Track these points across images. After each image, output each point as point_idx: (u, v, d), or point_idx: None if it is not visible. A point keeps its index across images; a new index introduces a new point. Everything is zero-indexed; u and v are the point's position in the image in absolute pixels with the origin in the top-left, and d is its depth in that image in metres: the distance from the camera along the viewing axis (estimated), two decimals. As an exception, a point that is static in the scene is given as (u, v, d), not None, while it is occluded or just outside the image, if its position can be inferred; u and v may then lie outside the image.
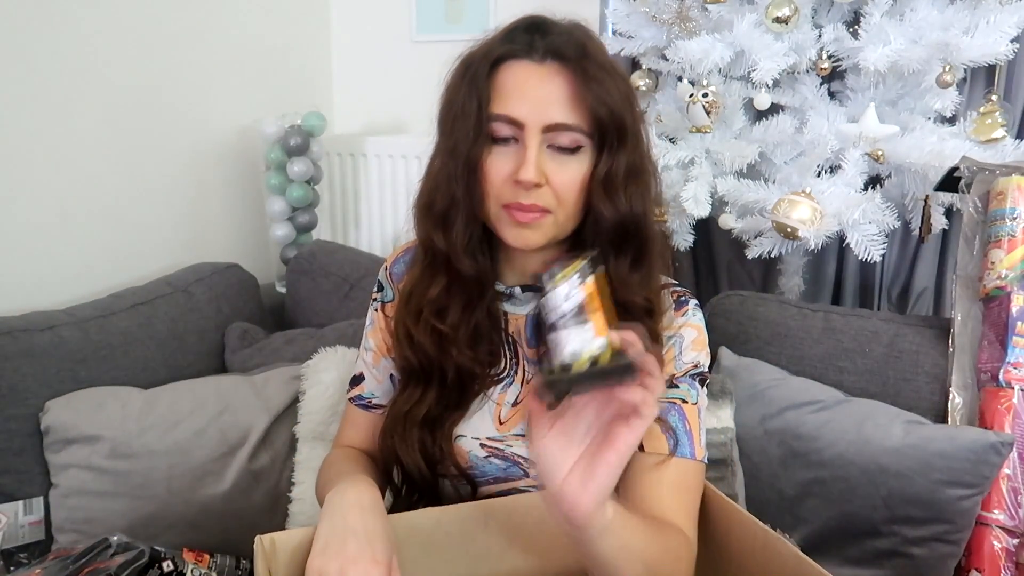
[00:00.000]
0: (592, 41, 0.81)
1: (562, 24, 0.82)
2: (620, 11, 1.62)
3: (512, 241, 0.83)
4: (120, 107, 1.56)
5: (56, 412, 1.23)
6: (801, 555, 0.73)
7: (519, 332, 0.92)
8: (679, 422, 0.86)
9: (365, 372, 1.00)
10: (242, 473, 1.27)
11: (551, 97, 0.78)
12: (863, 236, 1.33)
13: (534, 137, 0.78)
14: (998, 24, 1.28)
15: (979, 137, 1.36)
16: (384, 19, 2.17)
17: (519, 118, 0.78)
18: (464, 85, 0.81)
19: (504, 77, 0.79)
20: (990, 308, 1.22)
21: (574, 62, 0.78)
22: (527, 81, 0.78)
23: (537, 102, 0.78)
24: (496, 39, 0.82)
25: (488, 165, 0.80)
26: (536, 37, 0.80)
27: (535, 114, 0.78)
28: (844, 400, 1.25)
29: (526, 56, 0.79)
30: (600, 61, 0.79)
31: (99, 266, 1.54)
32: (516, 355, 0.91)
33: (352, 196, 2.13)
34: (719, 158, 1.48)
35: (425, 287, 0.89)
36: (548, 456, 0.66)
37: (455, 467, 0.89)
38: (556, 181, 0.79)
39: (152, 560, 0.97)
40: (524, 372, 0.91)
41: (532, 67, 0.79)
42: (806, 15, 1.42)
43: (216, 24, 1.79)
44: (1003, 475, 1.13)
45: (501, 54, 0.80)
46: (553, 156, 0.79)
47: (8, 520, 1.19)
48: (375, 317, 1.00)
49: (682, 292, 0.93)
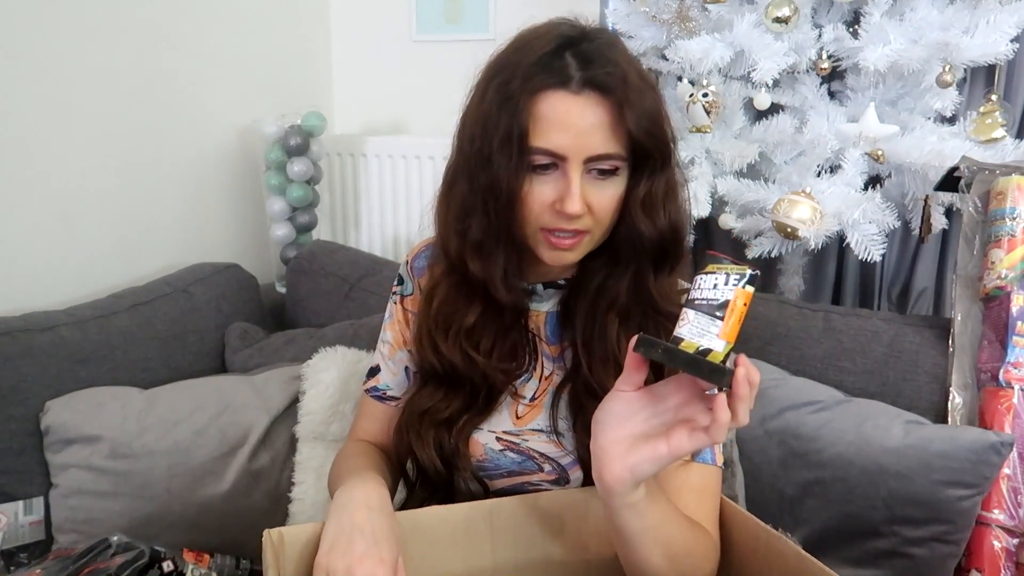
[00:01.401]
0: (627, 59, 0.79)
1: (597, 42, 0.78)
2: (620, 11, 1.63)
3: (549, 261, 0.83)
4: (120, 107, 1.56)
5: (56, 412, 1.23)
6: (803, 553, 0.73)
7: (539, 328, 0.92)
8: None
9: (381, 364, 1.00)
10: (242, 473, 1.27)
11: (592, 129, 0.76)
12: (863, 236, 1.33)
13: (576, 169, 0.77)
14: (998, 24, 1.28)
15: (979, 137, 1.36)
16: (384, 19, 2.17)
17: (560, 151, 0.77)
18: (501, 112, 0.78)
19: (543, 108, 0.76)
20: (990, 308, 1.22)
21: (613, 91, 0.76)
22: (568, 114, 0.76)
23: (578, 134, 0.76)
24: (530, 60, 0.77)
25: (528, 193, 0.79)
26: (574, 64, 0.77)
27: (576, 147, 0.76)
28: (844, 400, 1.25)
29: (564, 87, 0.76)
30: (637, 85, 0.77)
31: (99, 266, 1.54)
32: (536, 351, 0.92)
33: (352, 196, 2.12)
34: (719, 158, 1.48)
35: (455, 309, 0.88)
36: (615, 411, 0.69)
37: (469, 466, 0.89)
38: (596, 205, 0.79)
39: (152, 560, 0.97)
40: (542, 368, 0.92)
41: (571, 99, 0.76)
42: (806, 15, 1.42)
43: (216, 24, 1.79)
44: (1003, 475, 1.13)
45: (538, 85, 0.77)
46: (592, 181, 0.79)
47: (8, 520, 1.19)
48: (394, 310, 1.00)
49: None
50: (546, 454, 0.89)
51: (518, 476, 0.90)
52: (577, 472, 0.89)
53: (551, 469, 0.90)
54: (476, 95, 0.82)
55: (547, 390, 0.91)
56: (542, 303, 0.92)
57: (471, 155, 0.81)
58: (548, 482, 0.90)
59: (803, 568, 0.73)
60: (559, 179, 0.78)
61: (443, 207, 0.87)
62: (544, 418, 0.90)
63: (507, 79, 0.78)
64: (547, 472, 0.90)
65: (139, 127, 1.60)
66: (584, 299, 0.87)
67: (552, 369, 0.91)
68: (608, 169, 0.78)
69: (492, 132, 0.78)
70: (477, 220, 0.82)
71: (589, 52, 0.77)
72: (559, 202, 0.78)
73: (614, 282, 0.85)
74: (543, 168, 0.78)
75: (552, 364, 0.91)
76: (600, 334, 0.86)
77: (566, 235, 0.80)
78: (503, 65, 0.80)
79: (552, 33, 0.79)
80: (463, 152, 0.83)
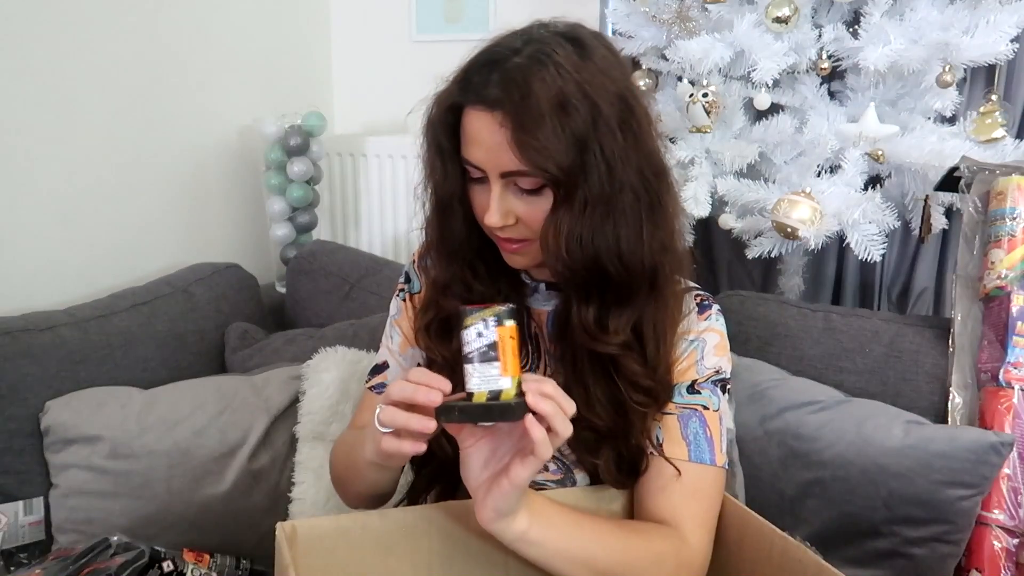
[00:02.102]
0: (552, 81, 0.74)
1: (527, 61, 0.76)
2: (620, 11, 1.63)
3: (508, 262, 0.86)
4: (120, 107, 1.55)
5: (56, 412, 1.22)
6: (823, 563, 0.72)
7: (541, 327, 0.92)
8: (700, 428, 0.86)
9: (390, 360, 1.00)
10: (242, 473, 1.27)
11: (499, 147, 0.76)
12: (863, 236, 1.33)
13: (496, 182, 0.79)
14: (998, 24, 1.28)
15: (979, 137, 1.36)
16: (384, 19, 2.17)
17: (479, 164, 0.79)
18: (436, 129, 0.82)
19: (464, 122, 0.79)
20: (990, 308, 1.22)
21: (515, 115, 0.74)
22: (480, 131, 0.77)
23: (490, 150, 0.77)
24: (458, 78, 0.81)
25: (472, 202, 0.84)
26: (494, 81, 0.76)
27: (491, 161, 0.78)
28: (844, 400, 1.25)
29: (480, 103, 0.77)
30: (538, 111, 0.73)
31: (99, 266, 1.54)
32: (538, 349, 0.92)
33: (352, 196, 2.12)
34: (719, 158, 1.48)
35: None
36: (470, 464, 0.74)
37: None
38: (527, 218, 0.80)
39: (152, 560, 0.97)
40: (545, 366, 0.92)
41: (485, 116, 0.77)
42: (806, 15, 1.42)
43: (216, 24, 1.79)
44: (1003, 475, 1.13)
45: (464, 99, 0.79)
46: (519, 195, 0.80)
47: (8, 520, 1.19)
48: (402, 306, 1.00)
49: (705, 296, 0.93)
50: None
51: None
52: (581, 472, 0.89)
53: (556, 468, 0.90)
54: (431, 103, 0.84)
55: None
56: (544, 303, 0.92)
57: (426, 167, 0.85)
58: (553, 482, 0.90)
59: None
60: (489, 191, 0.80)
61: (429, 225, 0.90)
62: None
63: (448, 90, 0.81)
64: (552, 471, 0.90)
65: (139, 127, 1.60)
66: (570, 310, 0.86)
67: (555, 368, 0.91)
68: (531, 188, 0.78)
69: (434, 148, 0.83)
70: (432, 225, 0.88)
71: (513, 71, 0.75)
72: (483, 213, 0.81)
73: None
74: (477, 180, 0.82)
75: (555, 363, 0.91)
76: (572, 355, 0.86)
77: (508, 241, 0.83)
78: (440, 91, 0.83)
79: (495, 48, 0.79)
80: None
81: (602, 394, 0.84)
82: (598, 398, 0.84)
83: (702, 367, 0.89)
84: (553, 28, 0.80)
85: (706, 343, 0.89)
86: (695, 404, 0.87)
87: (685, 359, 0.88)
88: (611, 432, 0.84)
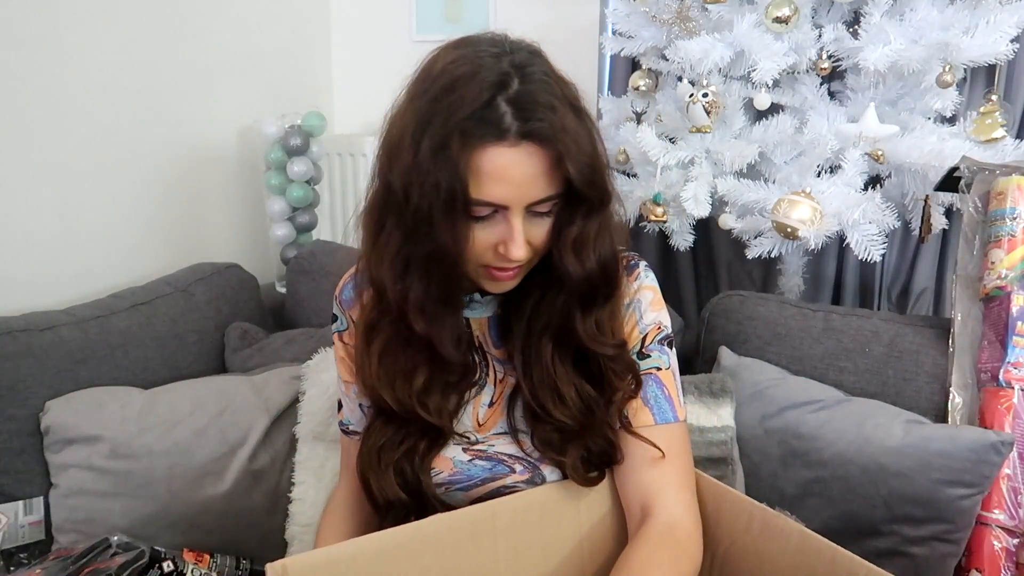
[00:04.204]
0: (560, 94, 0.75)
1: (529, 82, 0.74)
2: (620, 11, 1.63)
3: (489, 289, 0.84)
4: (120, 107, 1.56)
5: (56, 412, 1.22)
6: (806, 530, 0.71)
7: (484, 335, 0.92)
8: (658, 390, 0.88)
9: (343, 399, 1.00)
10: (242, 473, 1.27)
11: (532, 179, 0.75)
12: (863, 236, 1.33)
13: (518, 216, 0.76)
14: (998, 24, 1.28)
15: (979, 137, 1.36)
16: (384, 19, 2.17)
17: (502, 202, 0.75)
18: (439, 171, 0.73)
19: (481, 162, 0.73)
20: (990, 308, 1.22)
21: (551, 141, 0.74)
22: (507, 168, 0.73)
23: (519, 185, 0.75)
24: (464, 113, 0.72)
25: (470, 240, 0.77)
26: (510, 113, 0.72)
27: (517, 197, 0.75)
28: (844, 400, 1.25)
29: (501, 140, 0.72)
30: (573, 129, 0.74)
31: (99, 266, 1.54)
32: (485, 358, 0.92)
33: (352, 196, 2.12)
34: (719, 158, 1.48)
35: (398, 363, 0.86)
36: None
37: (434, 492, 0.89)
38: (535, 241, 0.80)
39: (152, 560, 0.97)
40: (495, 372, 0.91)
41: (510, 152, 0.73)
42: (806, 15, 1.43)
43: (216, 24, 1.79)
44: (1003, 475, 1.13)
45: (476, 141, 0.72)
46: (531, 219, 0.78)
47: (8, 520, 1.19)
48: (338, 347, 0.99)
49: (631, 256, 0.93)
50: (514, 455, 0.89)
51: (491, 482, 0.90)
52: (547, 465, 0.89)
53: (523, 468, 0.89)
54: (407, 142, 0.76)
55: (503, 392, 0.91)
56: (484, 310, 0.92)
57: (407, 212, 0.76)
58: (523, 482, 0.89)
59: (807, 545, 0.71)
60: (500, 224, 0.77)
61: (373, 248, 0.84)
62: (504, 421, 0.90)
63: (443, 136, 0.73)
64: (519, 472, 0.89)
65: (139, 127, 1.60)
66: (520, 317, 0.87)
67: (504, 371, 0.91)
68: (546, 211, 0.78)
69: (431, 192, 0.73)
70: (419, 281, 0.80)
71: (523, 98, 0.73)
72: (503, 246, 0.77)
73: (547, 306, 0.85)
74: (484, 217, 0.77)
75: (503, 367, 0.91)
76: (536, 358, 0.86)
77: (508, 270, 0.81)
78: (432, 113, 0.74)
79: (480, 75, 0.73)
80: (392, 196, 0.78)
81: (575, 392, 0.85)
82: (571, 397, 0.84)
83: (643, 325, 0.89)
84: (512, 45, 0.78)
85: (641, 301, 0.90)
86: (648, 368, 0.88)
87: (627, 323, 0.89)
88: (578, 431, 0.85)
